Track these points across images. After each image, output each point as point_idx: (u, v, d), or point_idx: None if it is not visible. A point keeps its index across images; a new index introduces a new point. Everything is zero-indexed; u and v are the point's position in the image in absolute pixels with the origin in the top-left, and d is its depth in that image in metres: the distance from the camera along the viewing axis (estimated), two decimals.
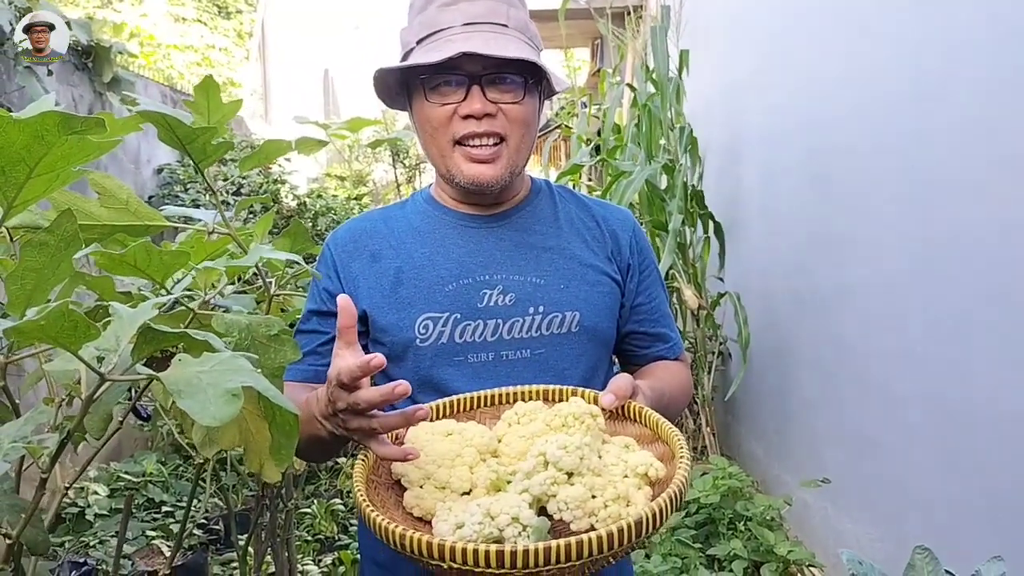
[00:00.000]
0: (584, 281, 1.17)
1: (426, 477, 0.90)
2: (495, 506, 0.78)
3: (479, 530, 0.76)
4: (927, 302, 2.08)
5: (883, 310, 2.31)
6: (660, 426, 0.91)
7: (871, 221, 2.36)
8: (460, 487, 0.90)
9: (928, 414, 2.08)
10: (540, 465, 0.84)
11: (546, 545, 0.69)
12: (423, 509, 0.88)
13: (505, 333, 1.12)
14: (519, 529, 0.76)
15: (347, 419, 0.89)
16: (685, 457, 0.83)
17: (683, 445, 0.85)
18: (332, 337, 1.16)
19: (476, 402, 1.03)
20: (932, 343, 2.06)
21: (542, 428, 0.93)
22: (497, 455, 0.95)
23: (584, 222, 1.24)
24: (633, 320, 1.24)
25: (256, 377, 0.73)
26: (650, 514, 0.73)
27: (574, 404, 0.93)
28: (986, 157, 1.81)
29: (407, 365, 1.13)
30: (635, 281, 1.24)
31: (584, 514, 0.80)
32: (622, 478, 0.84)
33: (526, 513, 0.77)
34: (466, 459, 0.92)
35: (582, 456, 0.83)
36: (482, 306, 1.12)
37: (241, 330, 1.00)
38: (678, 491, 0.77)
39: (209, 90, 1.17)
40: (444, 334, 1.11)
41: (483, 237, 1.18)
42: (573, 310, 1.14)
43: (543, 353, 1.13)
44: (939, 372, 2.03)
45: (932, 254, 2.05)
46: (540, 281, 1.15)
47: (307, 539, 3.07)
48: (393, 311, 1.13)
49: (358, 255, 1.19)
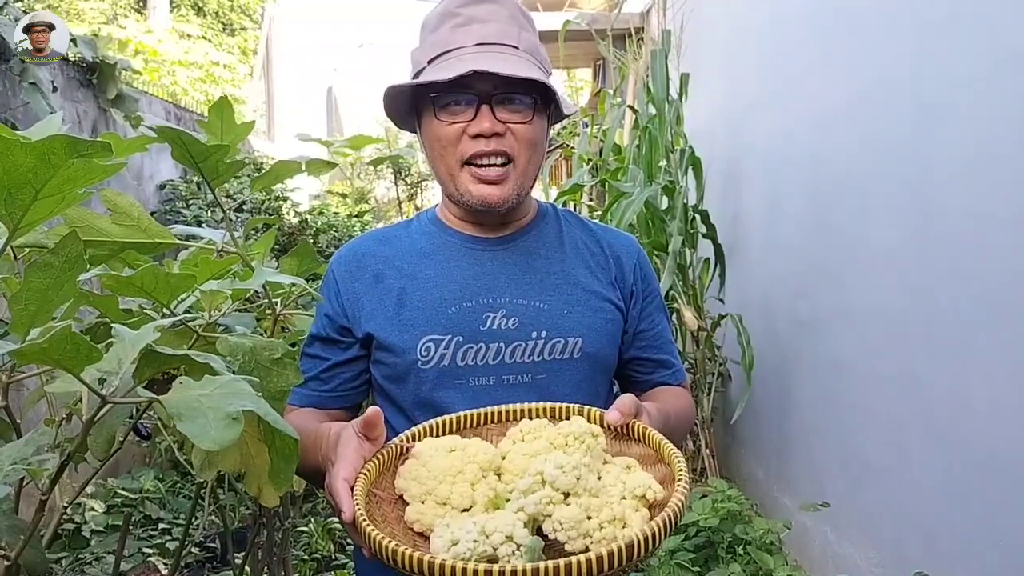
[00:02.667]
0: (587, 307, 1.17)
1: (428, 493, 0.91)
2: (490, 524, 0.78)
3: (473, 548, 0.76)
4: (928, 327, 2.08)
5: (883, 335, 2.32)
6: (662, 446, 0.91)
7: (872, 245, 2.37)
8: (461, 503, 0.90)
9: (929, 439, 2.08)
10: (537, 484, 0.84)
11: (535, 566, 0.69)
12: (424, 525, 0.89)
13: (507, 357, 1.12)
14: (513, 548, 0.77)
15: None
16: (684, 480, 0.83)
17: (683, 467, 0.85)
18: (334, 363, 1.18)
19: (482, 419, 1.03)
20: (933, 368, 2.06)
21: (545, 446, 0.93)
22: (500, 472, 0.95)
23: (589, 247, 1.24)
24: (636, 346, 1.25)
25: (257, 401, 0.73)
26: (643, 537, 0.74)
27: (575, 423, 0.93)
28: (987, 184, 1.82)
29: (408, 387, 1.13)
30: (638, 308, 1.24)
31: (579, 535, 0.80)
32: (619, 500, 0.84)
33: (520, 532, 0.78)
34: (468, 476, 0.92)
35: (579, 476, 0.83)
36: (484, 329, 1.12)
37: (245, 353, 1.01)
38: (673, 514, 0.77)
39: (223, 110, 1.18)
40: (446, 357, 1.11)
41: (488, 259, 1.18)
42: (576, 336, 1.14)
43: (544, 378, 1.13)
44: (940, 397, 2.03)
45: (933, 279, 2.06)
46: (543, 306, 1.15)
47: (304, 558, 3.05)
48: (396, 332, 1.13)
49: (361, 275, 1.19)
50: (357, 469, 0.88)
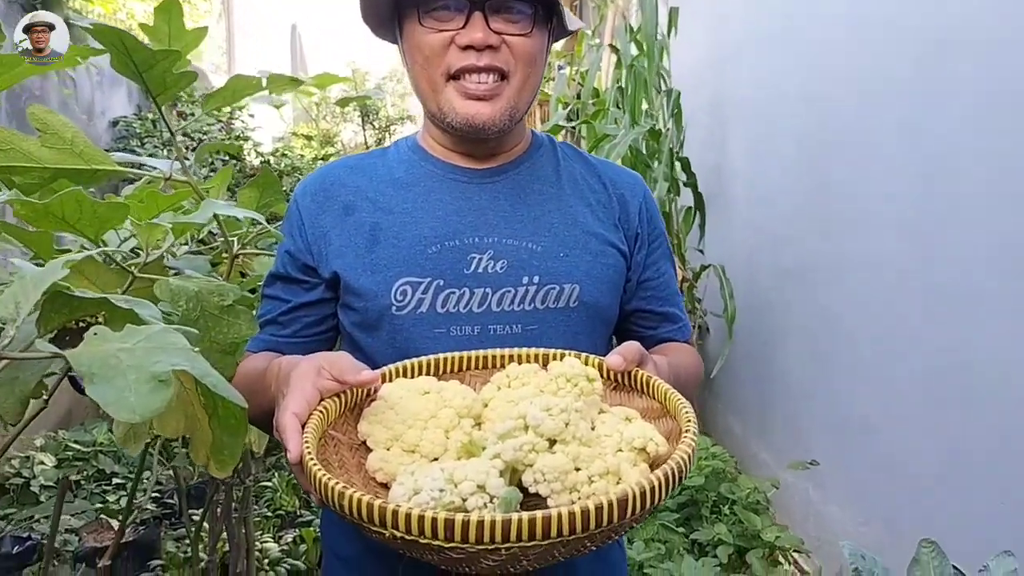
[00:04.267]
0: (586, 250, 1.04)
1: (394, 438, 0.79)
2: (460, 471, 0.66)
3: (438, 497, 0.65)
4: (929, 281, 1.97)
5: (879, 288, 2.21)
6: (668, 396, 0.79)
7: (868, 195, 2.25)
8: (432, 452, 0.78)
9: (927, 398, 1.98)
10: (518, 429, 0.71)
11: (506, 517, 0.57)
12: (387, 474, 0.77)
13: (494, 305, 1.00)
14: (485, 499, 0.65)
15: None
16: (692, 431, 0.70)
17: (691, 419, 0.73)
18: (295, 306, 1.05)
19: (464, 363, 0.90)
20: (933, 324, 1.95)
21: (533, 393, 0.80)
22: (480, 421, 0.82)
23: (589, 184, 1.11)
24: (639, 297, 1.12)
25: (194, 358, 0.59)
26: (638, 491, 0.61)
27: (567, 364, 0.80)
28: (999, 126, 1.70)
29: (380, 336, 1.00)
30: (643, 253, 1.11)
31: (564, 488, 0.68)
32: (615, 451, 0.71)
33: (494, 481, 0.66)
34: (442, 421, 0.80)
35: (567, 421, 0.70)
36: (469, 272, 1.00)
37: (189, 298, 0.87)
38: (677, 468, 0.65)
39: (171, 12, 1.02)
40: (424, 302, 0.99)
41: (475, 193, 1.05)
42: (572, 283, 1.02)
43: (536, 330, 1.00)
44: (939, 354, 1.93)
45: (935, 229, 1.94)
46: (537, 248, 1.02)
47: (267, 514, 2.92)
48: (368, 273, 1.01)
49: (329, 207, 1.05)
50: (312, 405, 0.76)
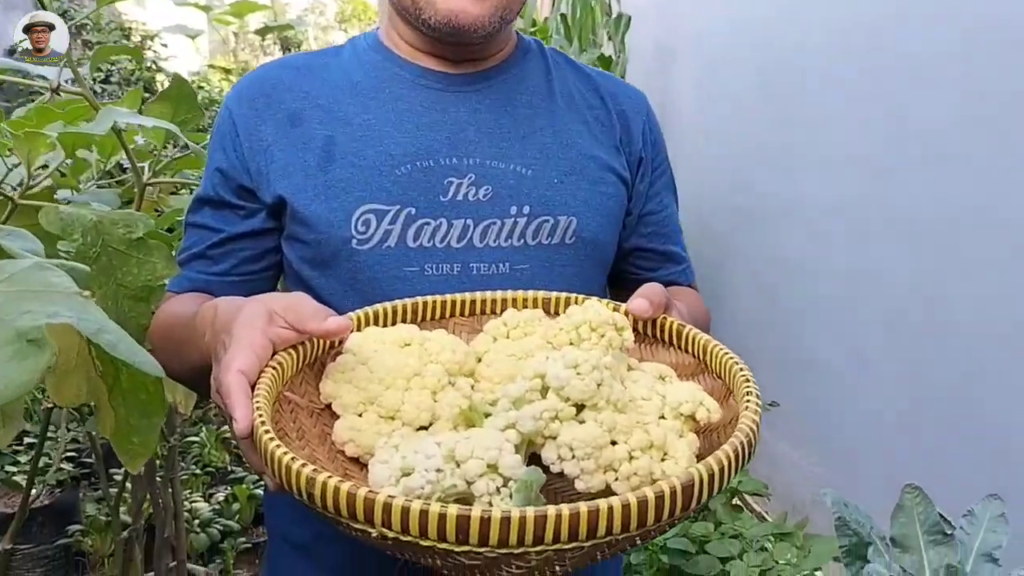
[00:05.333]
0: (584, 176, 0.90)
1: (368, 401, 0.64)
2: (463, 446, 0.52)
3: (436, 480, 0.51)
4: (894, 219, 1.89)
5: (839, 228, 2.13)
6: (711, 350, 0.66)
7: (830, 131, 2.16)
8: (416, 419, 0.64)
9: (891, 340, 1.92)
10: (536, 391, 0.57)
11: (539, 512, 0.43)
12: (360, 447, 0.62)
13: (476, 239, 0.86)
14: (498, 483, 0.51)
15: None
16: (754, 393, 0.57)
17: (748, 378, 0.60)
18: (229, 237, 0.87)
19: (447, 308, 0.75)
20: (899, 263, 1.88)
21: (541, 345, 0.66)
22: (475, 379, 0.68)
23: (586, 98, 0.95)
24: (640, 233, 0.99)
25: (82, 306, 0.42)
26: (705, 475, 0.48)
27: (591, 309, 0.65)
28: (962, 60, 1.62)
29: (337, 276, 0.85)
30: (646, 182, 0.97)
31: (597, 467, 0.54)
32: (657, 419, 0.58)
33: (509, 459, 0.52)
34: (428, 381, 0.65)
35: (600, 381, 0.56)
36: (446, 200, 0.85)
37: (86, 230, 0.72)
38: (747, 441, 0.52)
39: None
40: (392, 235, 0.84)
41: (452, 104, 0.88)
42: (568, 214, 0.88)
43: (526, 270, 0.87)
44: (907, 296, 1.86)
45: (903, 167, 1.85)
46: (527, 172, 0.88)
47: (195, 472, 2.74)
48: (321, 198, 0.84)
49: (271, 115, 0.87)
50: (263, 360, 0.60)
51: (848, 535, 0.67)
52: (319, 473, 0.47)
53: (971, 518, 0.67)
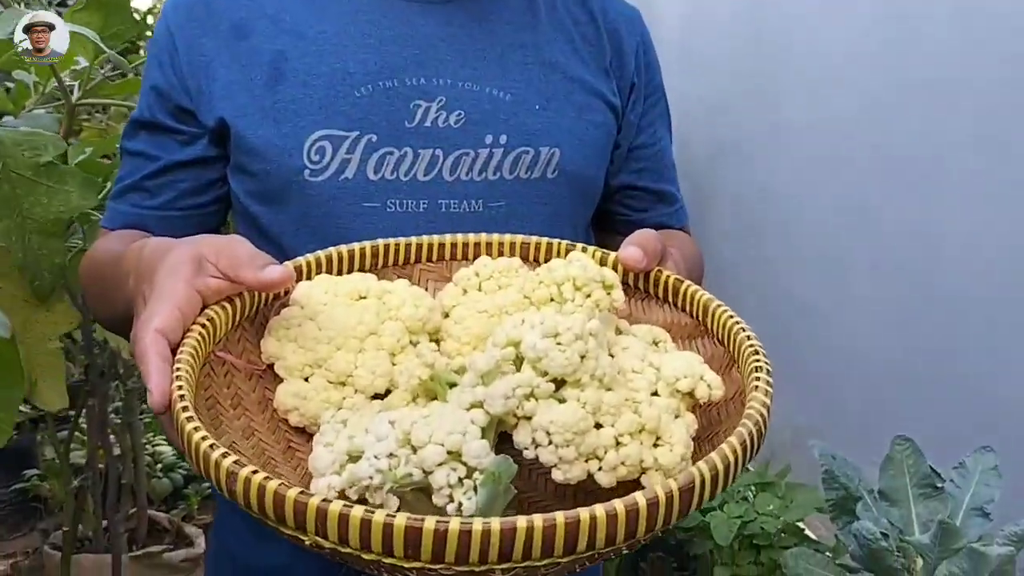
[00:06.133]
0: (569, 102, 0.82)
1: (316, 364, 0.56)
2: (420, 428, 0.44)
3: (387, 468, 0.44)
4: (886, 150, 1.81)
5: (826, 158, 2.06)
6: (715, 314, 0.57)
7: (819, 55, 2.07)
8: (370, 386, 0.55)
9: (878, 278, 1.87)
10: (508, 361, 0.48)
11: (506, 525, 0.35)
12: (306, 416, 0.55)
13: (446, 172, 0.77)
14: (460, 473, 0.43)
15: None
16: (763, 371, 0.49)
17: (758, 349, 0.52)
18: (167, 165, 0.81)
19: (412, 253, 0.66)
20: (889, 198, 1.81)
21: (517, 300, 0.58)
22: (440, 338, 0.60)
23: (572, 13, 0.86)
24: (630, 169, 0.90)
25: None
26: (708, 475, 0.40)
27: (576, 263, 0.57)
28: None
29: (289, 211, 0.78)
30: (638, 111, 0.89)
31: (578, 455, 0.46)
32: (649, 396, 0.50)
33: (475, 446, 0.44)
34: (386, 341, 0.57)
35: (584, 353, 0.47)
36: (412, 126, 0.77)
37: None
38: (756, 430, 0.44)
39: None
40: (350, 165, 0.76)
41: (420, 17, 0.79)
42: (551, 145, 0.79)
43: (501, 208, 0.79)
44: (896, 232, 1.80)
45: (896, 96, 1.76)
46: (505, 96, 0.79)
47: None
48: (269, 123, 0.76)
49: (213, 27, 0.79)
50: (188, 315, 0.51)
51: (836, 488, 0.67)
52: (241, 468, 0.39)
53: (962, 471, 0.66)
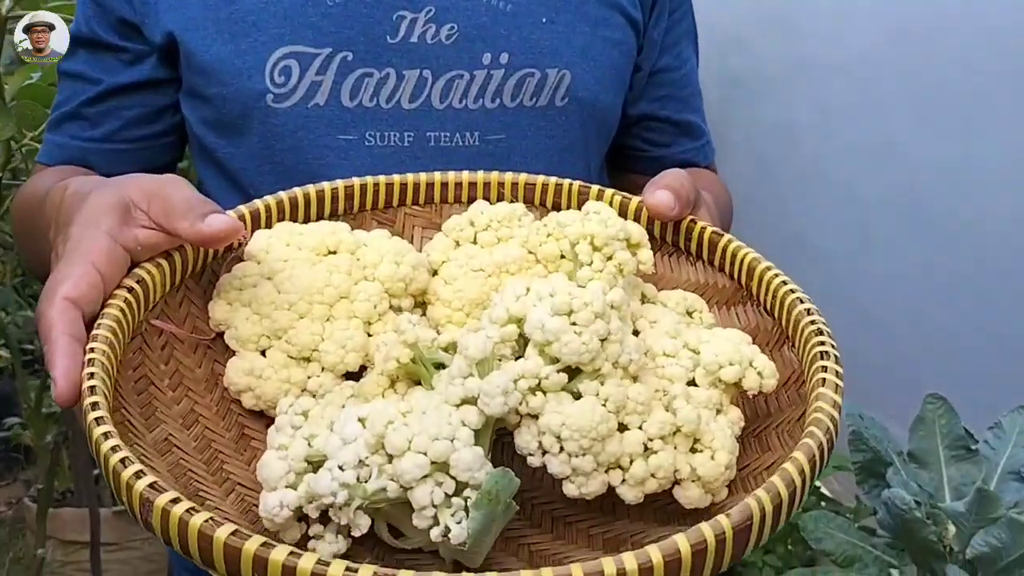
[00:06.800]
0: (582, 16, 0.70)
1: (274, 334, 0.46)
2: (398, 432, 0.35)
3: (353, 483, 0.35)
4: (914, 86, 1.74)
5: (852, 94, 1.97)
6: (763, 277, 0.47)
7: None
8: (340, 363, 0.45)
9: (905, 221, 1.81)
10: (508, 341, 0.39)
11: None
12: (262, 398, 0.46)
13: (436, 98, 0.67)
14: (447, 489, 0.34)
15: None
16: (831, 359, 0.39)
17: (822, 329, 0.41)
18: (109, 89, 0.72)
19: (394, 194, 0.55)
20: (918, 136, 1.74)
21: (520, 256, 0.48)
22: (426, 303, 0.50)
23: None
24: (651, 96, 0.80)
25: None
26: (770, 507, 0.31)
27: (594, 217, 0.45)
28: None
29: (250, 142, 0.69)
30: (662, 28, 0.78)
31: (597, 465, 0.37)
32: (685, 388, 0.40)
33: (466, 456, 0.34)
34: (359, 305, 0.47)
35: (605, 335, 0.37)
36: (395, 42, 0.67)
37: None
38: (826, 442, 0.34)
39: None
40: (320, 89, 0.66)
41: None
42: (560, 66, 0.69)
43: (502, 141, 0.69)
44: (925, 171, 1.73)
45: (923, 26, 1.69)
46: (505, 7, 0.68)
47: None
48: (224, 38, 0.67)
49: None
50: (110, 278, 0.41)
51: (863, 451, 0.65)
52: (158, 495, 0.29)
53: (998, 431, 0.65)
